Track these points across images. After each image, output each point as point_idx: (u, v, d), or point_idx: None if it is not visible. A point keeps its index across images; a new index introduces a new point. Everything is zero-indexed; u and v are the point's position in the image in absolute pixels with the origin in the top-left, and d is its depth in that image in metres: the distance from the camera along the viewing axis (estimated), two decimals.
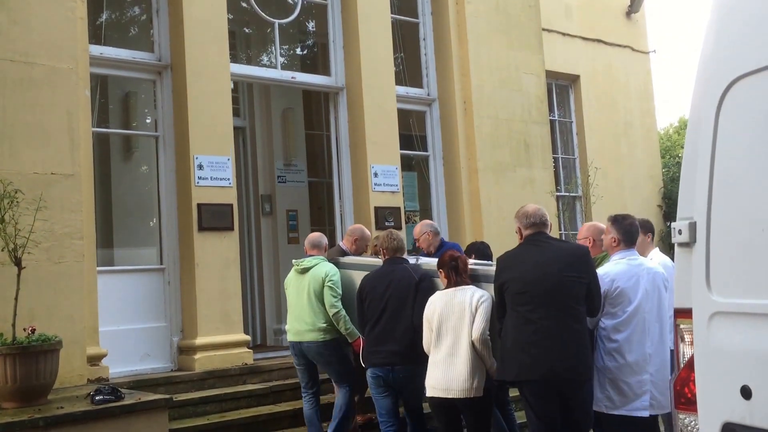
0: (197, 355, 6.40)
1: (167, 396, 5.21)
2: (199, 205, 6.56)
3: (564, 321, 4.14)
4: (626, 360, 4.33)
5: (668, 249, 11.26)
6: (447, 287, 4.62)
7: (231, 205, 6.77)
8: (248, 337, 6.89)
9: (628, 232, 4.58)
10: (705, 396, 2.74)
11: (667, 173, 12.28)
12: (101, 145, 7.39)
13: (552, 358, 4.09)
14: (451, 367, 4.42)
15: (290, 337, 5.63)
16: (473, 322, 4.43)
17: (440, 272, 4.69)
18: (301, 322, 5.49)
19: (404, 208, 8.05)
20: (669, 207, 11.45)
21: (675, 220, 2.94)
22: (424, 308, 4.66)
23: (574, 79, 10.82)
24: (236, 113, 8.34)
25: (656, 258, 5.16)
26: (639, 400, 4.31)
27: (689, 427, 2.82)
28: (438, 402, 4.53)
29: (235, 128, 7.83)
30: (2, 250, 4.96)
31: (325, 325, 5.41)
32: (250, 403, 6.19)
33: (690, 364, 2.83)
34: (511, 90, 8.90)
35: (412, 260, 5.31)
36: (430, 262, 5.16)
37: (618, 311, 4.40)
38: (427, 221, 6.66)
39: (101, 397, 4.89)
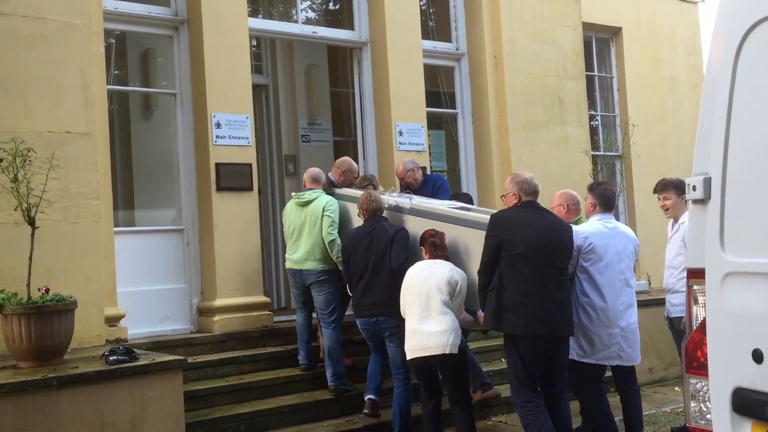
0: (217, 317, 6.33)
1: (182, 357, 5.13)
2: (217, 165, 6.42)
3: (558, 284, 4.53)
4: (598, 314, 4.74)
5: None
6: (427, 259, 4.93)
7: (250, 165, 6.62)
8: (268, 299, 6.79)
9: (603, 196, 4.96)
10: (716, 360, 2.64)
11: None
12: (121, 103, 7.29)
13: (547, 318, 4.46)
14: (427, 328, 4.72)
15: (289, 265, 5.98)
16: (453, 298, 4.76)
17: (422, 248, 4.99)
18: (301, 251, 5.84)
19: (431, 167, 7.80)
20: None
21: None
22: (400, 254, 5.11)
23: (616, 32, 10.26)
24: (259, 70, 8.17)
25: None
26: (608, 350, 4.75)
27: (700, 393, 2.75)
28: (417, 363, 4.83)
29: (258, 86, 7.66)
30: (15, 210, 4.90)
31: (324, 254, 5.77)
32: (269, 365, 6.12)
33: (702, 326, 2.72)
34: (545, 43, 8.49)
35: (405, 200, 5.62)
36: (422, 204, 5.52)
37: (589, 266, 4.77)
38: (407, 159, 6.90)
39: (115, 357, 4.84)
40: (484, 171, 8.15)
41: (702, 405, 2.76)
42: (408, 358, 4.85)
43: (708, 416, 2.72)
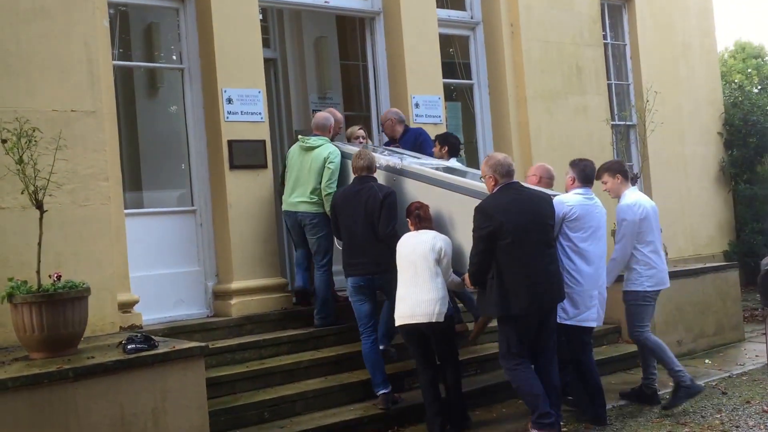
0: (233, 300, 6.12)
1: (203, 343, 4.89)
2: (229, 142, 6.18)
3: (548, 257, 4.79)
4: (583, 277, 5.08)
5: (732, 181, 10.38)
6: (414, 230, 5.09)
7: (263, 141, 6.38)
8: (286, 281, 6.59)
9: (582, 171, 5.30)
10: None
11: (728, 98, 11.41)
12: (125, 81, 7.00)
13: (546, 291, 4.75)
14: (415, 297, 4.92)
15: (285, 207, 6.12)
16: (438, 264, 4.93)
17: (408, 220, 5.15)
18: (298, 194, 6.01)
19: None
20: (730, 134, 10.65)
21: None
22: (386, 222, 5.25)
23: None
24: (266, 44, 7.84)
25: (630, 196, 5.50)
26: (588, 312, 5.12)
27: None
28: (405, 329, 5.03)
29: (266, 60, 7.35)
30: (22, 193, 4.64)
31: (318, 198, 5.95)
32: (290, 349, 5.92)
33: None
34: (561, 10, 8.23)
35: (396, 160, 5.66)
36: (413, 165, 5.56)
37: (574, 234, 5.09)
38: (394, 109, 6.89)
39: (133, 345, 4.62)
40: (502, 143, 7.92)
41: None
42: (396, 324, 5.05)
43: None
